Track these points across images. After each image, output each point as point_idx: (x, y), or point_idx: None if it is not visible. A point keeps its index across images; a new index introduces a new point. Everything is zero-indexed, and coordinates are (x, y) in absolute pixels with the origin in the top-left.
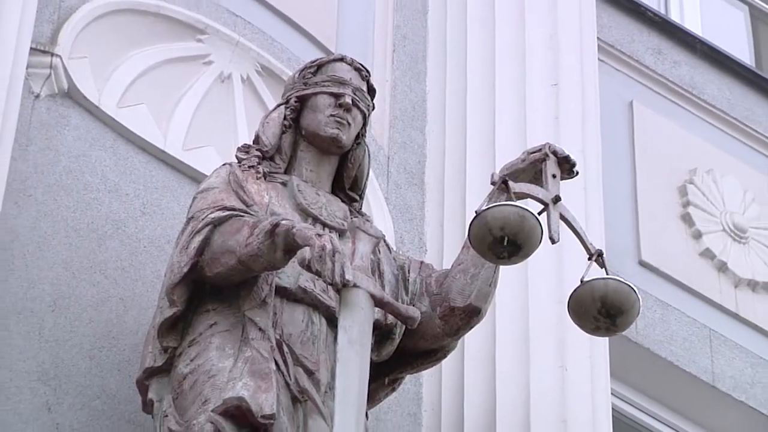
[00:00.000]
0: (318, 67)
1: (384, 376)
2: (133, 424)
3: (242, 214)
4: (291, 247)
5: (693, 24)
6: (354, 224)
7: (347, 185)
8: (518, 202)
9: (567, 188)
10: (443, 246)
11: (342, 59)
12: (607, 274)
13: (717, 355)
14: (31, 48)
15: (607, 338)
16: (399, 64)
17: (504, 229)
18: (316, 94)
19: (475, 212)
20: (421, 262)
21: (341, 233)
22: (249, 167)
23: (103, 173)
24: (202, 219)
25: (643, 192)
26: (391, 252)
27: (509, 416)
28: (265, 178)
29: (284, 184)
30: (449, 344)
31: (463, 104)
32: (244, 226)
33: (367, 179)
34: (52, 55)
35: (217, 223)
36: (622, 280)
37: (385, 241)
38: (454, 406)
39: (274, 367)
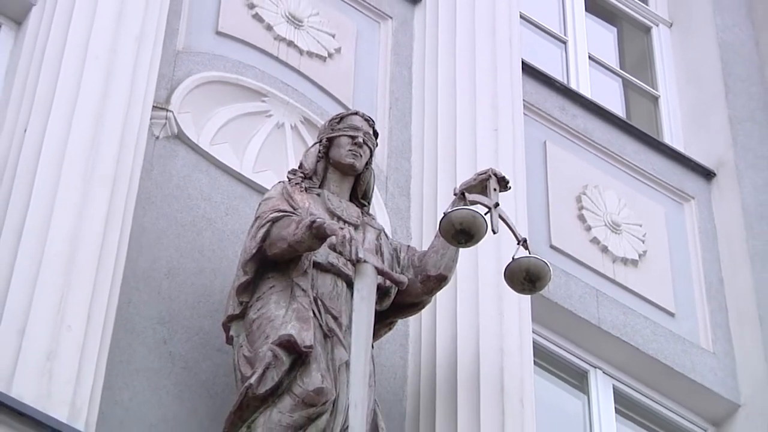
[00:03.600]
0: (341, 118)
1: (384, 320)
2: (221, 351)
3: (291, 214)
4: (323, 236)
5: (585, 90)
6: (364, 221)
7: (360, 195)
8: (471, 207)
9: (503, 197)
10: (422, 235)
11: (356, 113)
12: (530, 254)
13: (601, 307)
14: (153, 106)
15: (529, 296)
16: (393, 117)
17: (462, 224)
18: (339, 136)
19: (444, 213)
20: (408, 246)
21: (356, 227)
22: (295, 184)
23: (200, 188)
24: (265, 218)
25: (552, 200)
26: (388, 239)
27: (465, 346)
28: (306, 191)
29: (318, 195)
30: (426, 300)
31: (435, 143)
32: (292, 223)
33: (372, 192)
34: (167, 110)
35: (275, 221)
36: (539, 258)
37: (384, 232)
38: (429, 339)
39: (311, 314)
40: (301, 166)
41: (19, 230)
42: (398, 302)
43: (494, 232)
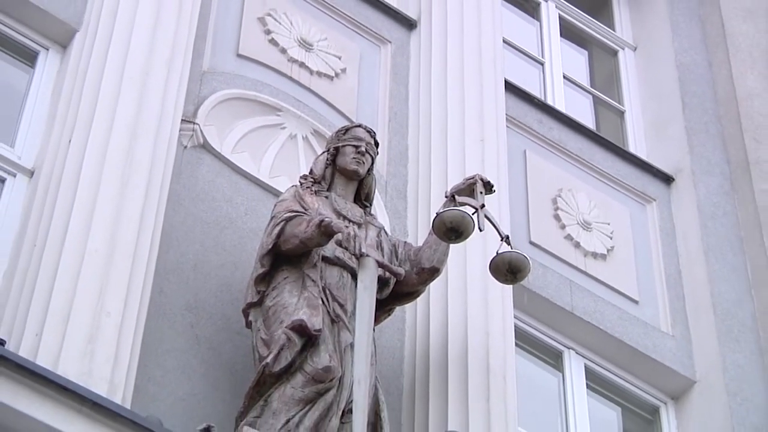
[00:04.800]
0: (346, 130)
1: (384, 307)
2: (241, 335)
3: (302, 214)
4: (331, 233)
5: (560, 105)
6: (366, 220)
7: (363, 198)
8: (460, 208)
9: (489, 199)
10: (417, 233)
11: (360, 126)
12: (512, 249)
13: (574, 295)
14: (182, 119)
15: (511, 286)
16: (392, 129)
17: (452, 223)
18: (344, 145)
19: (436, 213)
20: (405, 242)
21: (359, 225)
22: (306, 188)
23: (223, 191)
24: (280, 217)
25: (531, 201)
26: (387, 236)
27: (455, 330)
28: (316, 194)
29: (326, 197)
30: (421, 289)
31: (428, 152)
32: (304, 222)
33: (374, 194)
34: (194, 123)
35: (288, 220)
36: (520, 252)
37: (384, 230)
38: (424, 324)
39: (320, 302)
40: (311, 171)
41: (64, 228)
42: (396, 291)
43: (480, 230)
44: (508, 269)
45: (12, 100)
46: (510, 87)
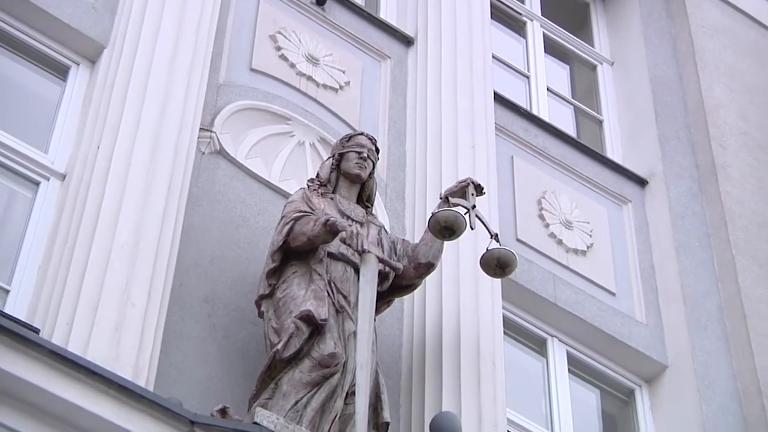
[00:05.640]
0: (349, 137)
1: (384, 299)
2: (253, 324)
3: (310, 214)
4: (335, 232)
5: (544, 115)
6: (368, 219)
7: (365, 199)
8: (453, 208)
9: (479, 201)
10: (414, 231)
11: (362, 133)
12: (500, 246)
13: (557, 288)
14: (200, 128)
15: (500, 279)
16: (391, 136)
17: (446, 222)
18: (348, 151)
19: (432, 213)
20: (403, 239)
21: (361, 224)
22: (313, 190)
23: (237, 192)
24: (289, 217)
25: (518, 202)
26: (387, 234)
27: (449, 319)
28: (322, 196)
29: (332, 198)
30: (418, 282)
31: (424, 157)
32: (311, 221)
33: (375, 196)
34: (211, 131)
35: (297, 219)
36: (508, 248)
37: (384, 228)
38: (420, 314)
39: (326, 294)
40: (318, 175)
41: (93, 227)
42: (395, 284)
43: (472, 228)
44: (497, 264)
45: (46, 110)
46: (498, 98)
